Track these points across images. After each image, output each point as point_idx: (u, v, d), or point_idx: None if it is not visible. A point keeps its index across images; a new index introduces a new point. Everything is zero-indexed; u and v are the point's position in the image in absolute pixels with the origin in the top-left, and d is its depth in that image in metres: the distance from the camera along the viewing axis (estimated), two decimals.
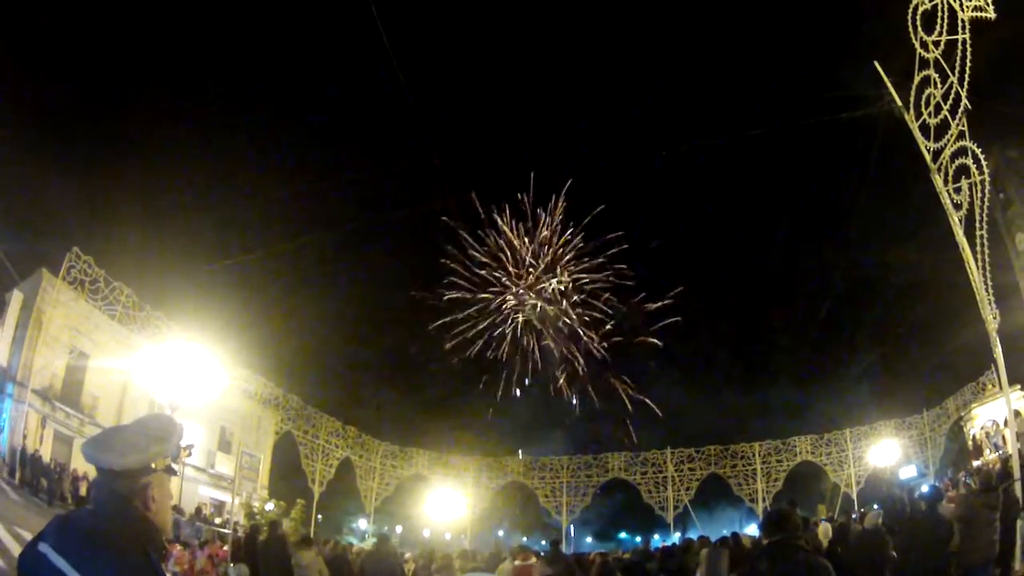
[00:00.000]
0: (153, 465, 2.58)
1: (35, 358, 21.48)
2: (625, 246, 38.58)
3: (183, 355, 21.05)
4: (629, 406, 40.45)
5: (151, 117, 31.73)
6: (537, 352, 40.91)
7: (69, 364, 23.23)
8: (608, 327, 39.82)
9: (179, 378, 20.94)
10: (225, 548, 19.76)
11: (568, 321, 39.81)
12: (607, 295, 39.38)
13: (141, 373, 22.51)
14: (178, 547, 18.37)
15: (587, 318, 40.04)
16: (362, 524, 43.38)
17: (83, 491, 20.36)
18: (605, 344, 40.12)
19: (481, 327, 40.39)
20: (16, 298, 21.74)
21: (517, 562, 11.33)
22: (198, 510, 25.56)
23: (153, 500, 2.57)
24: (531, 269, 39.02)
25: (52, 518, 2.48)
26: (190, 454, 19.48)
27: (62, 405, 22.49)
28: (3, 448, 19.97)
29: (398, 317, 46.78)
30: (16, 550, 13.10)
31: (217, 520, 26.36)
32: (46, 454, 21.25)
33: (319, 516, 35.58)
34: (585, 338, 39.76)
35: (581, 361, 40.59)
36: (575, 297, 39.53)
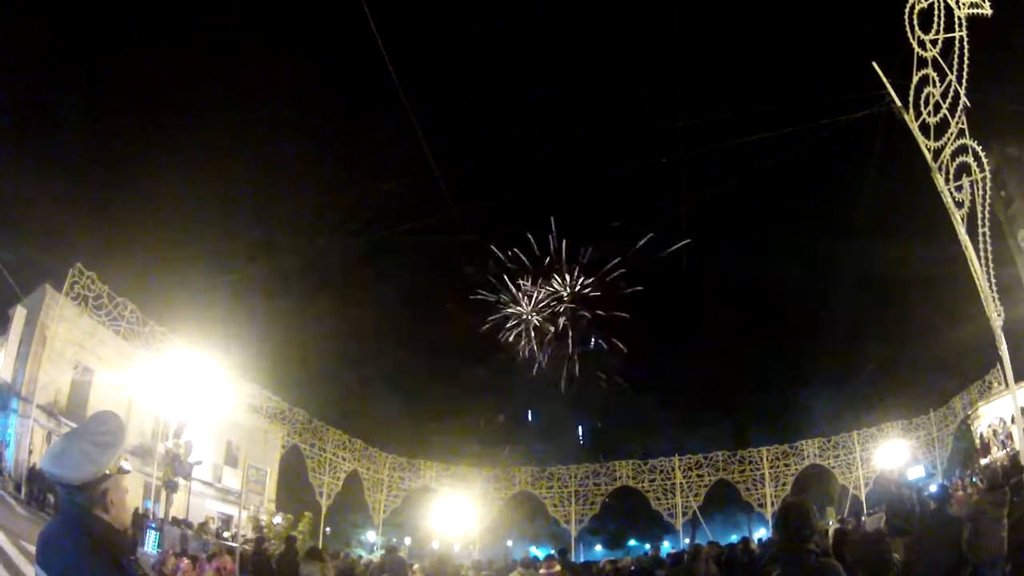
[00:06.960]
0: (107, 471, 2.60)
1: (40, 373, 21.48)
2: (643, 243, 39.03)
3: (188, 370, 21.17)
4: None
5: (154, 131, 31.99)
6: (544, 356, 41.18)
7: (74, 379, 23.23)
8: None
9: (184, 393, 21.04)
10: (233, 562, 19.72)
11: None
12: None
13: (146, 388, 22.56)
14: (185, 561, 18.30)
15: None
16: (370, 536, 43.28)
17: None
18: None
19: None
20: (20, 314, 21.80)
21: (542, 571, 11.37)
22: (205, 523, 25.52)
23: (112, 504, 2.60)
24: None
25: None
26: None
27: (67, 420, 22.37)
28: (9, 463, 19.96)
29: (404, 330, 46.84)
30: (23, 564, 13.24)
31: (225, 534, 26.32)
32: None
33: (327, 529, 35.52)
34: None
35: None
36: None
